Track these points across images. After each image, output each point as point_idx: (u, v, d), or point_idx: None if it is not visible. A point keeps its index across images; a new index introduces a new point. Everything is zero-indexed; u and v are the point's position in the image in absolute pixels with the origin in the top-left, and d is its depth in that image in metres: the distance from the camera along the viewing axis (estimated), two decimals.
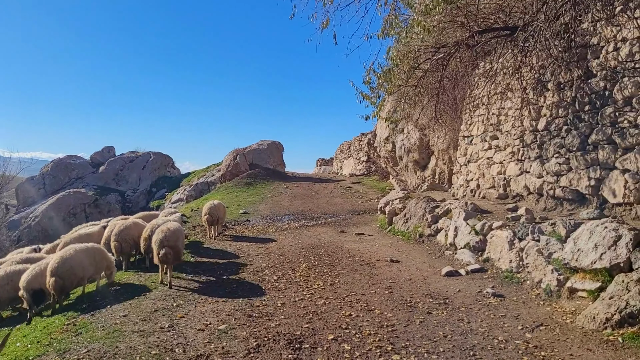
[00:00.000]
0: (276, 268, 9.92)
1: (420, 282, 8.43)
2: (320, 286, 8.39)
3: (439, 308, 6.96)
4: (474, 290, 7.73)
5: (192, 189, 35.01)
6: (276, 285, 8.54)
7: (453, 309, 6.89)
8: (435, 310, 6.86)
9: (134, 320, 6.84)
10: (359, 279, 8.78)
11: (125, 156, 47.60)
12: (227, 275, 9.50)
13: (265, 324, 6.52)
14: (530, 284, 7.56)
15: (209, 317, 6.90)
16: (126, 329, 6.47)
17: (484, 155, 13.15)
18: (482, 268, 8.71)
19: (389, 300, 7.42)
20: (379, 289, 8.10)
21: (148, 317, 6.92)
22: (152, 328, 6.46)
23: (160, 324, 6.63)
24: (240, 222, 17.37)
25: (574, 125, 9.49)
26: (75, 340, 6.11)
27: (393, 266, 9.68)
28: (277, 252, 11.64)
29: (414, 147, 20.94)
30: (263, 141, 34.72)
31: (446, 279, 8.51)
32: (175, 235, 9.10)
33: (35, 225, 36.64)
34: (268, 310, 7.14)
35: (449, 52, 10.36)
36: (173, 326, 6.52)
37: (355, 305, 7.22)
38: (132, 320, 6.84)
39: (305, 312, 6.95)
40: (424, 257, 10.31)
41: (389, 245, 11.89)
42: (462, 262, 9.32)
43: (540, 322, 6.18)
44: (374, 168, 31.17)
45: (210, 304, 7.53)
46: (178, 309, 7.33)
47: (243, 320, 6.67)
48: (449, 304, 7.16)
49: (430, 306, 7.07)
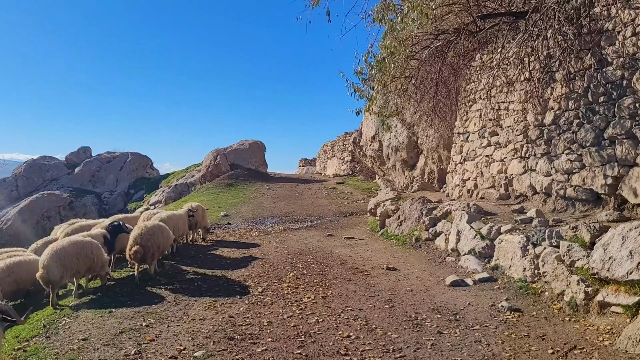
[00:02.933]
0: (260, 278, 8.91)
1: (424, 293, 7.51)
2: (311, 299, 7.41)
3: (450, 326, 6.04)
4: (485, 303, 6.83)
5: (171, 190, 33.74)
6: (261, 299, 7.53)
7: (466, 327, 5.97)
8: (447, 329, 5.93)
9: (95, 344, 5.80)
10: (354, 291, 7.82)
11: (102, 157, 45.99)
12: (206, 286, 8.47)
13: (249, 349, 5.52)
14: (549, 295, 6.69)
15: (184, 339, 5.88)
16: (84, 357, 5.43)
17: (482, 153, 12.31)
18: (492, 277, 7.82)
19: (392, 317, 6.47)
20: (378, 302, 7.15)
21: (112, 341, 5.88)
22: (115, 356, 5.42)
23: (126, 349, 5.60)
24: (221, 226, 16.30)
25: (587, 119, 8.66)
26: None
27: (390, 275, 8.74)
28: (261, 259, 10.63)
29: (402, 146, 20.10)
30: (244, 141, 33.61)
31: (452, 289, 7.60)
32: (150, 232, 9.12)
33: (7, 229, 34.99)
34: (252, 330, 6.14)
35: (449, 39, 9.48)
36: (140, 352, 5.50)
37: (353, 324, 6.26)
38: (93, 345, 5.80)
39: (296, 333, 5.96)
40: (423, 264, 9.40)
41: (382, 250, 10.96)
42: (467, 270, 8.43)
43: (573, 344, 5.29)
44: (359, 168, 30.31)
45: (186, 323, 6.50)
46: (147, 329, 6.29)
47: (223, 345, 5.66)
48: (460, 320, 6.24)
49: (439, 324, 6.14)
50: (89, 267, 8.34)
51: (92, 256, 8.29)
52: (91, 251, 8.31)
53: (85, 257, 8.15)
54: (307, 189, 25.47)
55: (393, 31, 9.94)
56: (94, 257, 8.34)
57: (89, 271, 8.54)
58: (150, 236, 9.21)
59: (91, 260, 8.28)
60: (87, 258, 8.21)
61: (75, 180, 42.89)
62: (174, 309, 7.13)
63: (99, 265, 8.51)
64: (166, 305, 7.33)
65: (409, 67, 10.19)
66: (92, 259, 8.29)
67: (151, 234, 9.27)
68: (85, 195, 40.67)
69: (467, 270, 8.42)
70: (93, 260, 8.32)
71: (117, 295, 8.11)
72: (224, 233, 15.02)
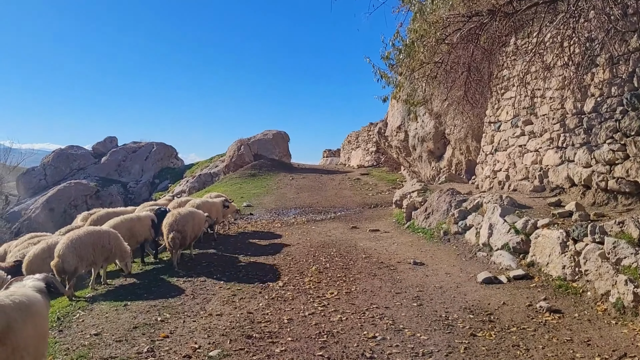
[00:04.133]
0: (282, 271, 8.57)
1: (454, 291, 7.05)
2: (334, 295, 7.02)
3: (484, 328, 5.58)
4: (522, 302, 6.34)
5: (195, 180, 33.74)
6: (282, 294, 7.18)
7: (502, 330, 5.51)
8: (481, 331, 5.48)
9: (107, 340, 5.52)
10: (379, 287, 7.41)
11: (127, 147, 46.33)
12: (225, 279, 8.16)
13: (267, 349, 5.17)
14: (592, 296, 6.17)
15: (199, 337, 5.56)
16: (95, 354, 5.15)
17: (515, 143, 11.71)
18: (527, 274, 7.30)
19: (420, 316, 6.04)
20: (405, 300, 6.72)
21: (124, 337, 5.60)
22: (127, 353, 5.14)
23: (138, 346, 5.31)
24: (244, 216, 16.04)
25: (631, 106, 8.04)
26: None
27: (418, 270, 8.30)
28: (283, 251, 10.29)
29: (429, 136, 19.51)
30: (268, 131, 33.31)
31: (484, 287, 7.12)
32: (185, 219, 9.27)
33: (35, 217, 35.57)
34: (272, 328, 5.79)
35: (482, 21, 8.93)
36: (153, 350, 5.19)
37: (379, 323, 5.85)
38: (105, 340, 5.53)
39: (318, 332, 5.59)
40: (453, 259, 8.92)
41: (409, 244, 10.51)
42: (500, 267, 7.93)
43: (622, 350, 4.79)
44: (384, 159, 29.76)
45: (202, 319, 6.19)
46: (162, 325, 6.00)
47: (240, 343, 5.32)
48: (495, 321, 5.78)
49: (472, 325, 5.70)
50: (107, 257, 8.12)
51: (109, 247, 8.05)
52: (108, 241, 8.08)
53: (101, 248, 7.92)
54: (330, 180, 25.06)
55: (422, 14, 9.44)
56: (112, 248, 8.10)
57: (107, 261, 8.33)
58: (185, 222, 9.26)
59: (108, 250, 8.05)
60: (104, 249, 7.98)
61: (102, 169, 43.30)
62: (191, 303, 6.83)
63: (117, 255, 8.28)
64: (183, 299, 7.03)
65: (439, 51, 9.66)
66: (109, 249, 8.05)
67: (186, 220, 9.29)
68: (111, 185, 41.05)
69: (500, 267, 7.92)
70: (110, 251, 8.09)
71: (134, 287, 7.87)
72: (246, 224, 14.74)
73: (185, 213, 9.58)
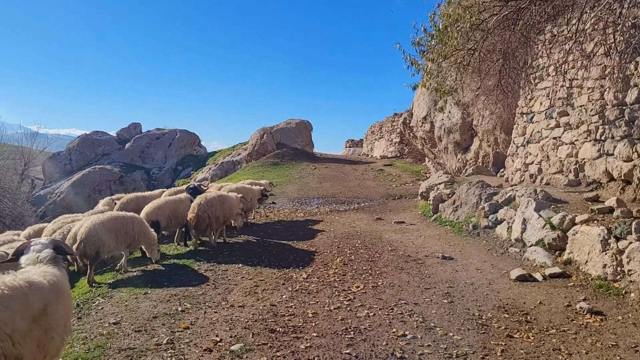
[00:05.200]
0: (305, 262, 8.34)
1: (486, 288, 6.73)
2: (360, 289, 6.76)
3: (521, 329, 5.26)
4: (560, 302, 5.99)
5: (218, 168, 33.73)
6: (305, 286, 6.94)
7: (541, 331, 5.19)
8: (517, 333, 5.16)
9: (126, 330, 5.35)
10: (407, 281, 7.12)
11: (151, 133, 46.57)
12: (247, 268, 7.96)
13: (292, 344, 4.93)
14: (636, 297, 5.79)
15: (221, 329, 5.35)
16: (113, 344, 4.97)
17: (549, 135, 11.24)
18: (564, 272, 6.93)
19: (452, 314, 5.74)
20: (435, 296, 6.42)
21: (144, 327, 5.42)
22: (146, 344, 4.95)
23: (158, 337, 5.12)
24: (266, 205, 15.86)
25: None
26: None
27: (447, 265, 7.99)
28: (306, 241, 10.06)
29: (456, 128, 19.04)
30: (291, 120, 33.06)
31: (518, 285, 6.77)
32: (209, 203, 9.27)
33: (60, 201, 35.99)
34: (296, 322, 5.55)
35: (520, 6, 8.48)
36: (173, 342, 5.00)
37: (408, 320, 5.57)
38: (124, 330, 5.35)
39: (344, 328, 5.33)
40: (483, 254, 8.57)
41: (436, 237, 10.18)
42: (534, 264, 7.57)
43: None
44: (407, 150, 29.31)
45: (224, 310, 5.98)
46: (183, 315, 5.81)
47: (263, 338, 5.09)
48: (532, 322, 5.45)
49: (508, 325, 5.37)
50: (130, 243, 7.97)
51: (132, 233, 7.89)
52: (132, 227, 7.92)
53: (124, 234, 7.77)
54: (353, 170, 24.75)
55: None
56: (135, 234, 7.94)
57: (131, 247, 8.19)
58: (208, 207, 9.17)
59: (132, 237, 7.89)
60: (127, 234, 7.83)
61: (126, 155, 43.62)
62: (212, 293, 6.63)
63: (141, 242, 8.12)
64: (204, 289, 6.84)
65: (473, 38, 9.24)
66: (132, 235, 7.89)
67: (210, 205, 9.20)
68: (134, 171, 41.35)
69: (534, 264, 7.56)
70: (134, 237, 7.93)
71: (155, 275, 7.72)
72: (268, 212, 14.55)
73: (212, 197, 9.48)
